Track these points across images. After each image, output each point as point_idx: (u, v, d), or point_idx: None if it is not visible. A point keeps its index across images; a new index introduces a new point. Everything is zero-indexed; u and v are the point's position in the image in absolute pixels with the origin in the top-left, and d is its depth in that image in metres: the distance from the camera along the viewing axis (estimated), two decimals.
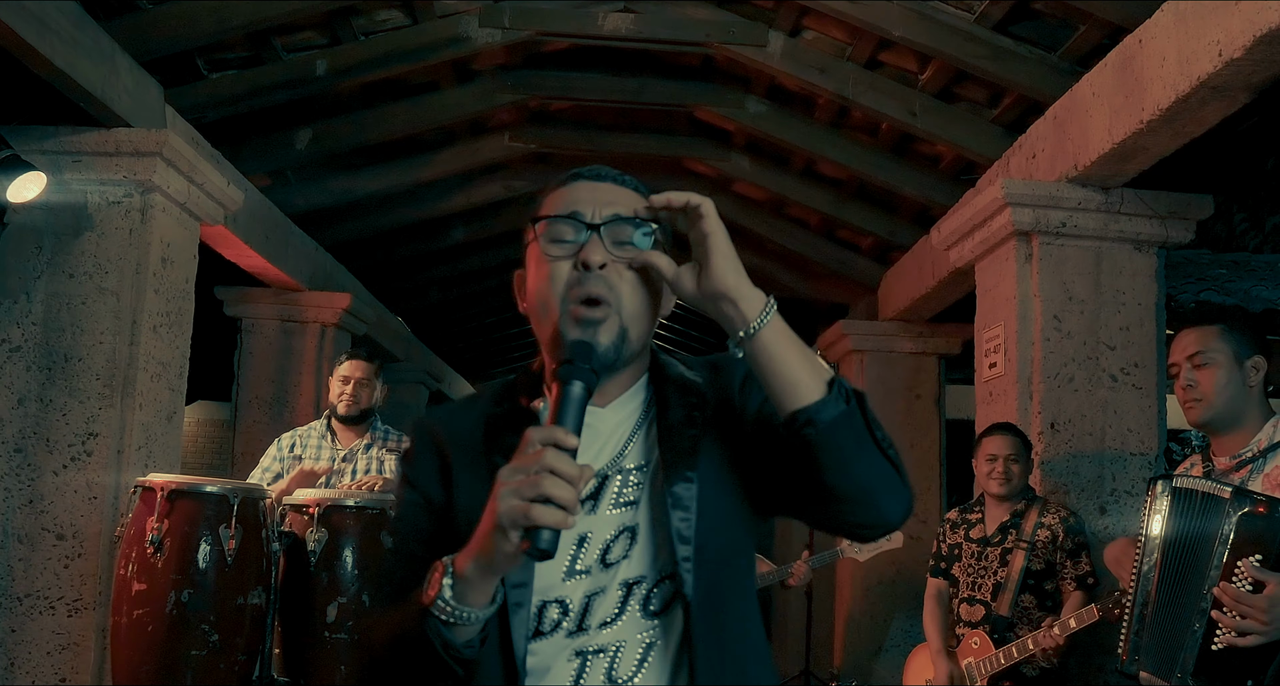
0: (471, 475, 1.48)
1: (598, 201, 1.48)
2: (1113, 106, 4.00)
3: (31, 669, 4.22)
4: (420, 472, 1.54)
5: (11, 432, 4.32)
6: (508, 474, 1.25)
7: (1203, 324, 2.91)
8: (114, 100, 4.25)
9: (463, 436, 1.53)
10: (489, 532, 1.25)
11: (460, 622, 1.30)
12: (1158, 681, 2.69)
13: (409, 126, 6.16)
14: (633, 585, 1.44)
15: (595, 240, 1.45)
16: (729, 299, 1.39)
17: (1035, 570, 4.03)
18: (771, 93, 5.99)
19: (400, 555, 1.54)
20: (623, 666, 1.42)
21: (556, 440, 1.25)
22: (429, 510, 1.52)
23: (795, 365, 1.37)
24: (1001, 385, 4.72)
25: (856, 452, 1.37)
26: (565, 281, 1.45)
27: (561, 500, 1.21)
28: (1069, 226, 4.51)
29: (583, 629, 1.43)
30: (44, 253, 4.43)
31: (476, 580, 1.29)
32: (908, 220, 6.67)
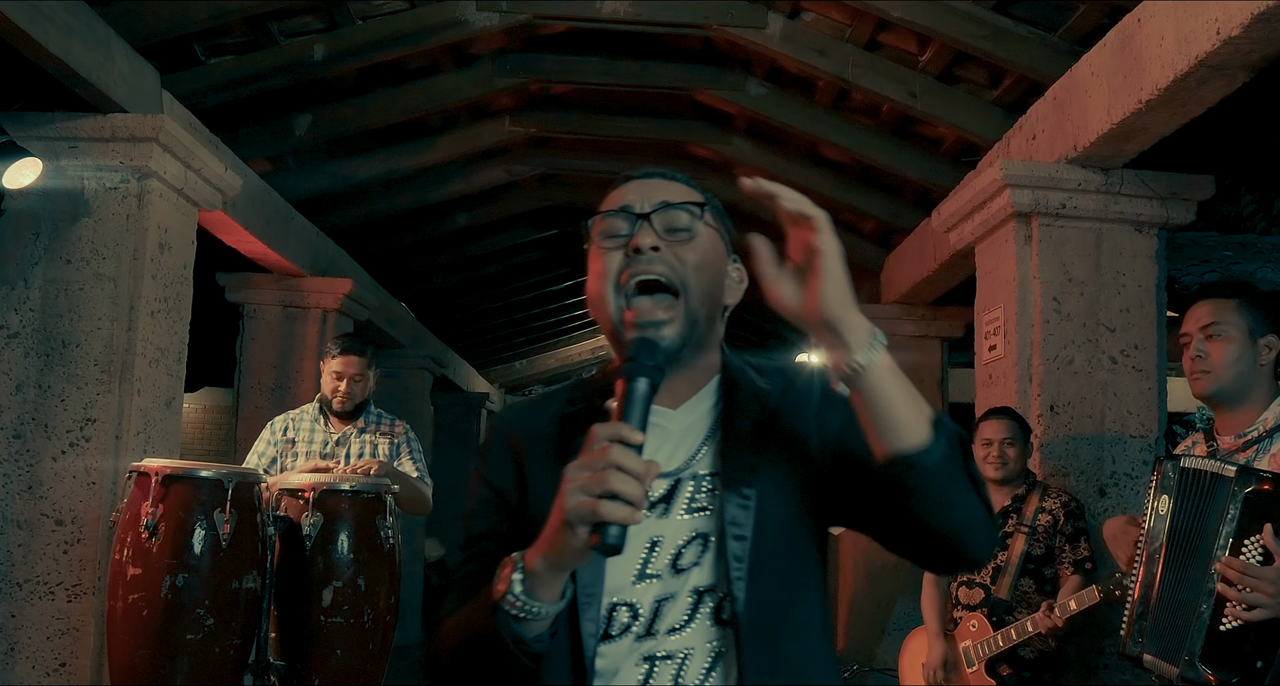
0: (545, 476, 1.46)
1: (646, 194, 1.51)
2: (1112, 86, 3.96)
3: (32, 654, 4.24)
4: (495, 470, 1.56)
5: (10, 419, 4.33)
6: (574, 470, 1.25)
7: (1221, 296, 2.85)
8: (109, 86, 4.24)
9: (537, 437, 1.54)
10: (557, 528, 1.26)
11: (530, 617, 1.30)
12: (1163, 664, 2.67)
13: (408, 111, 6.15)
14: (704, 593, 1.43)
15: (645, 227, 1.47)
16: (834, 327, 1.31)
17: (1035, 554, 4.01)
18: (771, 75, 5.96)
19: (471, 552, 1.54)
20: (690, 673, 1.42)
21: (622, 436, 1.25)
22: (503, 508, 1.53)
23: (901, 404, 1.32)
24: (1001, 368, 4.70)
25: (954, 495, 1.35)
26: (618, 268, 1.47)
27: (629, 496, 1.21)
28: (1069, 208, 4.48)
29: (651, 633, 1.43)
30: (41, 239, 4.43)
31: (546, 575, 1.29)
32: (910, 203, 6.65)
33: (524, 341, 14.15)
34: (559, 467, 1.39)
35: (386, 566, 3.86)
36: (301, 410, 4.73)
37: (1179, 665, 2.58)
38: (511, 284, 10.66)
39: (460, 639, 1.40)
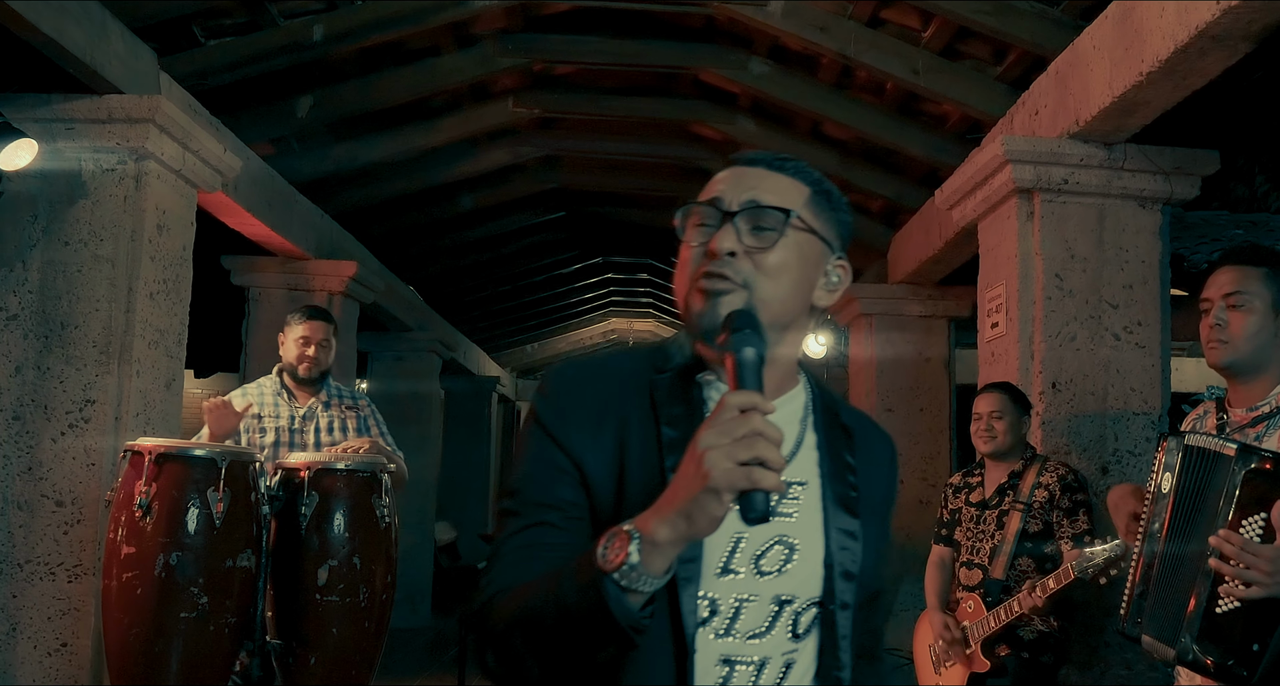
0: (642, 446, 1.42)
1: (741, 187, 1.44)
2: (1113, 59, 3.91)
3: (33, 634, 4.26)
4: (573, 432, 1.43)
5: (10, 400, 4.34)
6: (713, 437, 1.21)
7: (1247, 263, 2.73)
8: (104, 66, 4.23)
9: (627, 399, 1.46)
10: (695, 496, 1.21)
11: (638, 589, 1.25)
12: (1160, 646, 2.63)
13: (410, 92, 6.13)
14: (785, 602, 1.42)
15: (727, 228, 1.41)
16: None
17: (1033, 532, 3.94)
18: (774, 53, 5.92)
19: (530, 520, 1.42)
20: (767, 679, 1.42)
21: (756, 404, 1.23)
22: (576, 475, 1.42)
23: None
24: (1003, 345, 4.67)
25: None
26: (694, 267, 1.43)
27: (775, 463, 1.20)
28: (1071, 183, 4.44)
29: (730, 633, 1.41)
30: (39, 220, 4.44)
31: (668, 546, 1.24)
32: (916, 181, 6.60)
33: (534, 324, 14.15)
34: (653, 437, 1.40)
35: (382, 545, 3.86)
36: (258, 384, 4.56)
37: (1175, 647, 2.54)
38: (521, 266, 10.64)
39: (538, 615, 1.31)
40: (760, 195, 1.43)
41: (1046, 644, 3.90)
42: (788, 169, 1.47)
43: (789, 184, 1.46)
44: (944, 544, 4.34)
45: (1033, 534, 3.94)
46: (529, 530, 1.40)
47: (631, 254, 10.95)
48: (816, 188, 1.49)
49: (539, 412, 1.46)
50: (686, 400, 1.44)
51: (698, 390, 1.46)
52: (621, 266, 11.71)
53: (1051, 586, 3.63)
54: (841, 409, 1.56)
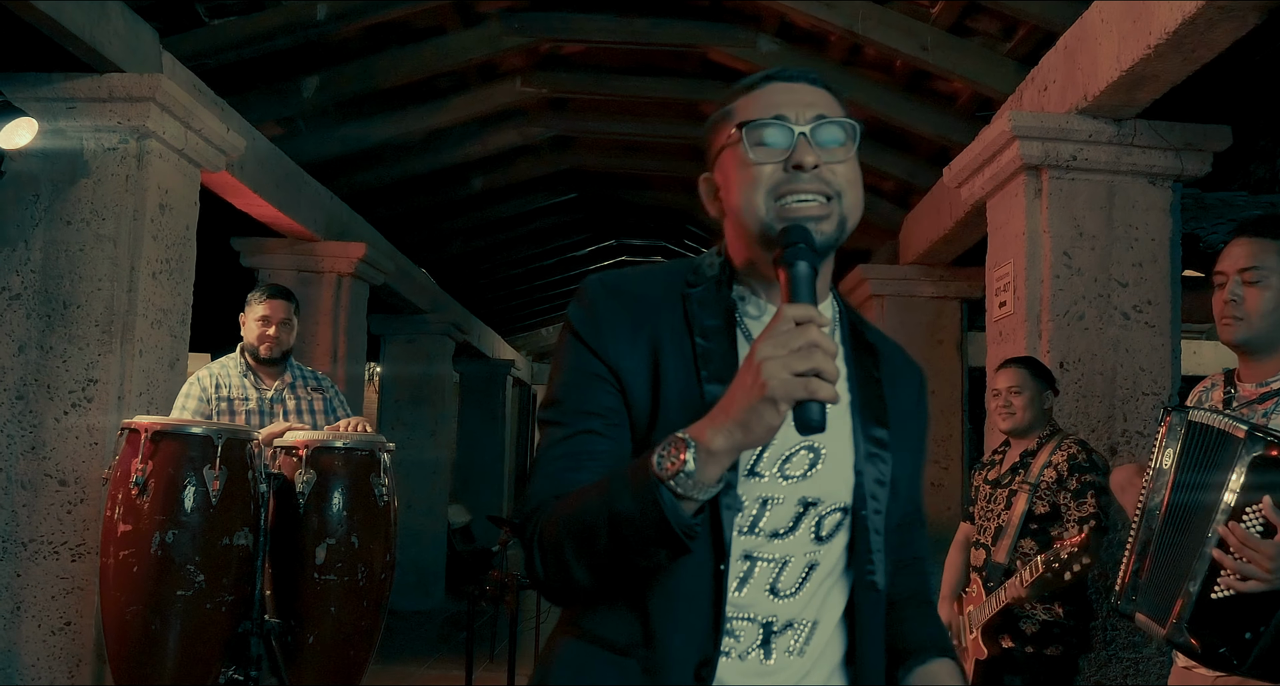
0: (677, 356, 1.43)
1: (800, 104, 1.44)
2: (1121, 32, 3.85)
3: (38, 612, 4.27)
4: (609, 340, 1.45)
5: (13, 379, 4.35)
6: (770, 348, 1.22)
7: (1264, 236, 2.64)
8: (104, 45, 4.22)
9: (660, 309, 1.47)
10: (752, 405, 1.23)
11: (692, 497, 1.27)
12: (1153, 625, 2.58)
13: (416, 71, 6.10)
14: (810, 504, 1.43)
15: (804, 142, 1.41)
16: None
17: (1039, 514, 3.76)
18: (782, 31, 5.86)
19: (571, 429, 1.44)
20: (786, 580, 1.43)
21: (815, 318, 1.24)
22: (614, 382, 1.44)
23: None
24: (1010, 324, 4.61)
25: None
26: (774, 182, 1.41)
27: (830, 375, 1.21)
28: (1079, 160, 4.37)
29: (754, 531, 1.42)
30: (41, 200, 4.43)
31: (723, 454, 1.26)
32: (927, 161, 6.53)
33: (548, 308, 14.12)
34: (688, 346, 1.42)
35: (381, 524, 3.84)
36: (222, 364, 4.43)
37: (1167, 628, 2.50)
38: (532, 249, 10.62)
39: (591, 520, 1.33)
40: (824, 109, 1.44)
41: (1050, 635, 3.71)
42: (819, 83, 1.49)
43: (830, 98, 1.48)
44: (968, 520, 4.20)
45: (1039, 515, 3.76)
46: (573, 438, 1.42)
47: (645, 236, 10.91)
48: (840, 100, 1.51)
49: (575, 323, 1.47)
50: (720, 313, 1.46)
51: (732, 304, 1.48)
52: (635, 249, 11.67)
53: (1027, 578, 3.53)
54: (868, 329, 1.58)
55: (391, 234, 8.31)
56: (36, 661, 4.26)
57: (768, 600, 1.42)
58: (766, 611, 1.42)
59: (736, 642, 1.41)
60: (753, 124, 1.42)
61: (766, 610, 1.42)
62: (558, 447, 1.43)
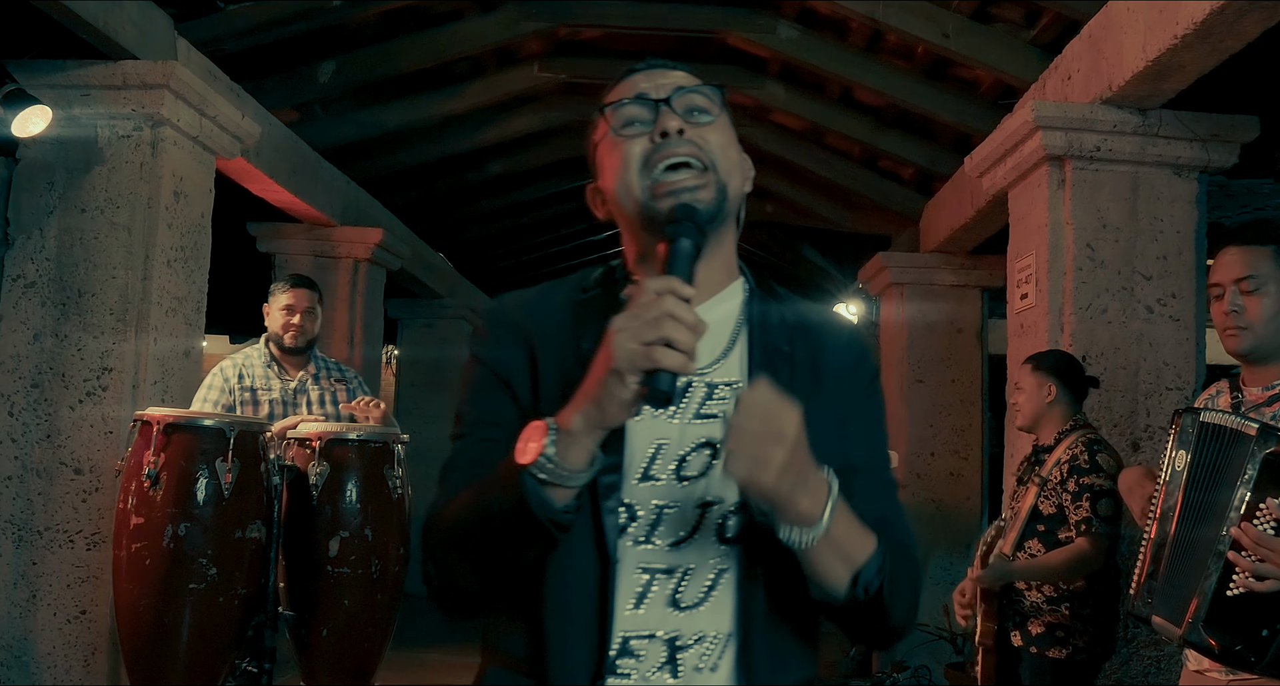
0: (558, 360, 1.41)
1: (657, 82, 1.45)
2: (1147, 21, 3.77)
3: (53, 601, 4.27)
4: (500, 355, 1.46)
5: (28, 367, 4.34)
6: (624, 320, 1.21)
7: (1254, 242, 2.62)
8: (117, 32, 4.19)
9: (548, 321, 1.46)
10: (602, 379, 1.22)
11: (559, 482, 1.24)
12: (1169, 626, 2.56)
13: (433, 57, 6.06)
14: (709, 505, 1.37)
15: (666, 111, 1.41)
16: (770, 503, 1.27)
17: (1045, 513, 3.68)
18: (803, 16, 5.79)
19: (472, 437, 1.44)
20: (689, 591, 1.36)
21: (673, 288, 1.22)
22: (509, 395, 1.43)
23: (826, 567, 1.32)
24: (1032, 317, 4.55)
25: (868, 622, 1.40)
26: (644, 153, 1.41)
27: (682, 344, 1.19)
28: (1104, 150, 4.30)
29: (651, 541, 1.36)
30: (56, 188, 4.41)
31: (583, 434, 1.24)
32: (948, 148, 6.46)
33: None
34: (573, 353, 1.38)
35: (395, 516, 3.82)
36: (246, 355, 4.49)
37: (1183, 628, 2.47)
38: (550, 234, 10.57)
39: (470, 517, 1.33)
40: (681, 82, 1.45)
41: (1052, 637, 3.63)
42: (682, 67, 1.49)
43: (690, 76, 1.48)
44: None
45: (1045, 515, 3.68)
46: (474, 448, 1.42)
47: None
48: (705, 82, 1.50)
49: (473, 344, 1.51)
50: (607, 315, 1.37)
51: (620, 306, 1.40)
52: None
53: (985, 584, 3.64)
54: (788, 303, 1.50)
55: (409, 219, 8.28)
56: (52, 650, 4.26)
57: (670, 615, 1.35)
58: (669, 627, 1.35)
59: (639, 663, 1.34)
60: (615, 104, 1.44)
61: (670, 626, 1.35)
62: (459, 459, 1.43)
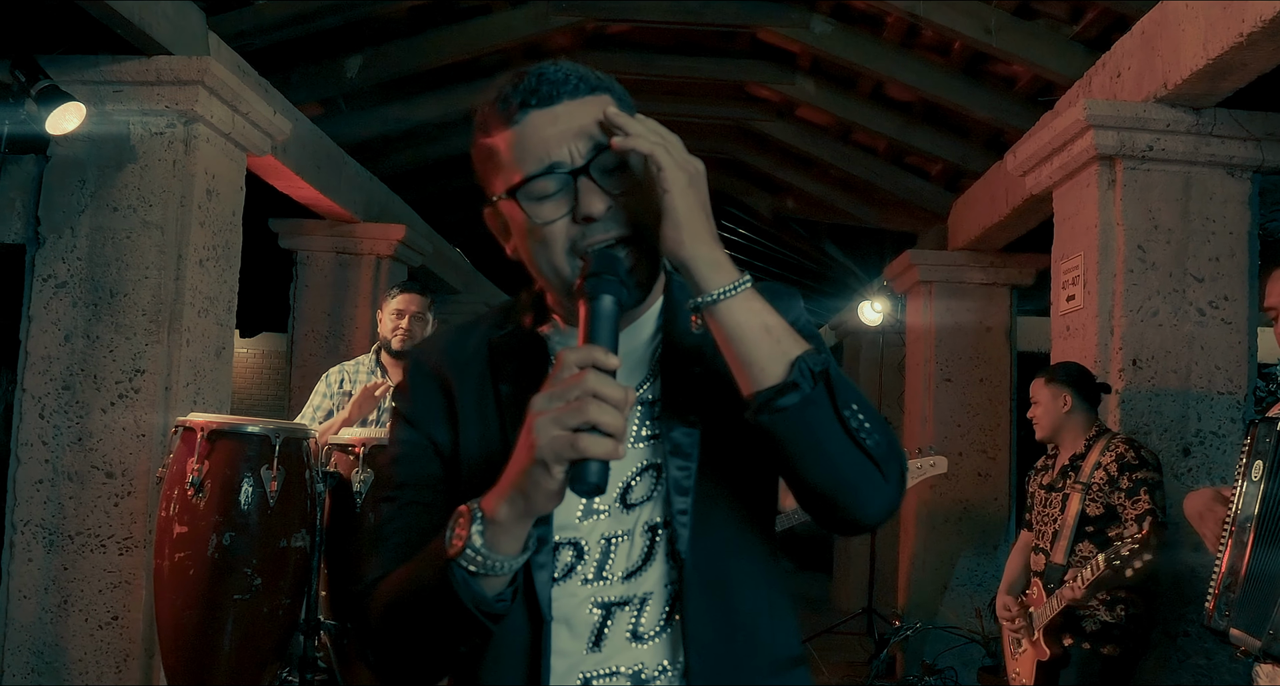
0: (477, 407, 1.35)
1: (569, 136, 1.26)
2: (1209, 19, 3.69)
3: (84, 606, 4.20)
4: (420, 409, 1.40)
5: (59, 369, 4.26)
6: (544, 401, 1.11)
7: None
8: (151, 26, 4.10)
9: (465, 365, 1.39)
10: (526, 469, 1.12)
11: (491, 573, 1.17)
12: (1248, 638, 2.50)
13: (461, 51, 5.97)
14: (658, 528, 1.30)
15: (587, 185, 1.26)
16: (683, 267, 1.23)
17: (1092, 515, 3.75)
18: (837, 11, 5.70)
19: (398, 503, 1.37)
20: (648, 620, 1.30)
21: (596, 361, 1.11)
22: (434, 451, 1.37)
23: (751, 344, 1.22)
24: (1080, 319, 4.47)
25: (822, 443, 1.22)
26: (569, 239, 1.27)
27: (609, 427, 1.09)
28: (1156, 150, 4.22)
29: (603, 577, 1.30)
30: (88, 186, 4.34)
31: (511, 524, 1.15)
32: (980, 145, 6.38)
33: None
34: (491, 396, 1.31)
35: None
36: (357, 362, 4.64)
37: (1263, 639, 2.42)
38: None
39: (403, 603, 1.25)
40: (594, 134, 1.27)
41: (1109, 635, 3.70)
42: (583, 88, 1.30)
43: (599, 102, 1.30)
44: (1028, 528, 4.20)
45: (1093, 517, 3.76)
46: (403, 514, 1.35)
47: None
48: (613, 93, 1.34)
49: (395, 397, 1.45)
50: (525, 354, 1.35)
51: (539, 343, 1.37)
52: None
53: (1088, 577, 3.50)
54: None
55: (427, 213, 8.20)
56: (84, 656, 4.19)
57: (631, 648, 1.29)
58: (632, 661, 1.29)
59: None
60: (525, 187, 1.27)
61: (632, 659, 1.29)
62: (390, 526, 1.35)
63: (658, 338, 1.39)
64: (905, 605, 7.20)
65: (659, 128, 1.25)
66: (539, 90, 1.28)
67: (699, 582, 1.29)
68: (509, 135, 1.29)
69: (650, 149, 1.22)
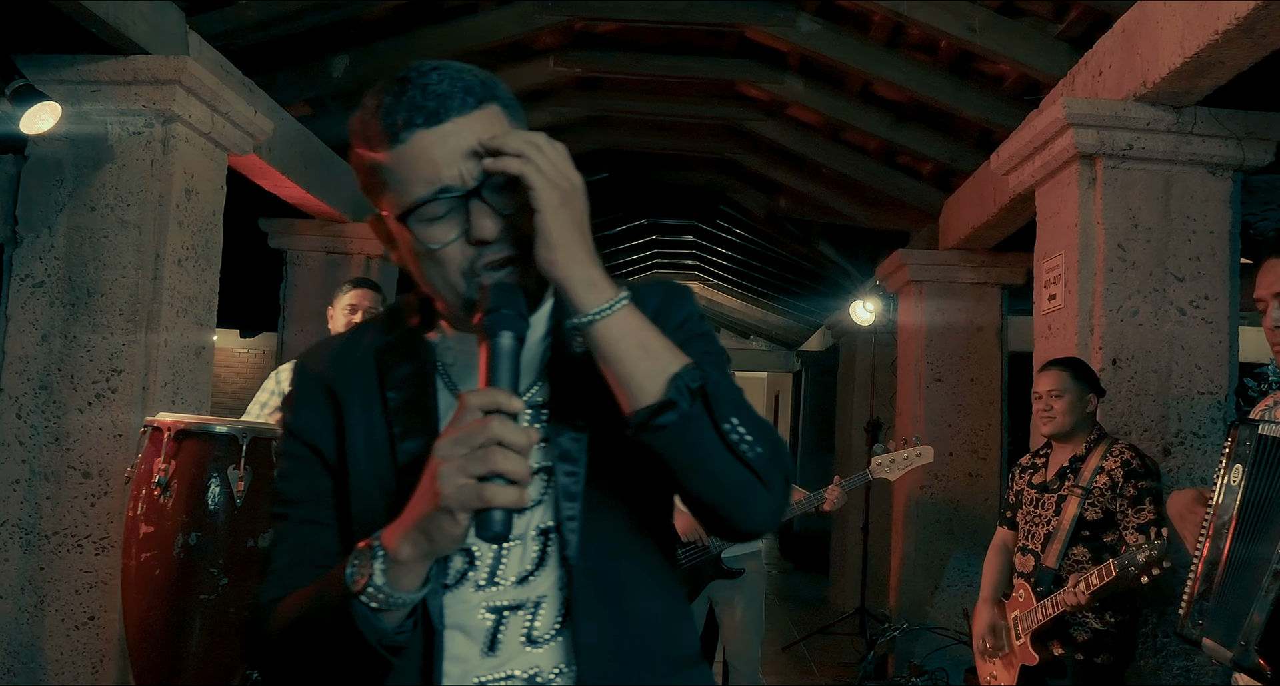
0: (364, 415, 1.33)
1: (457, 155, 1.23)
2: (1185, 16, 3.66)
3: (60, 607, 4.20)
4: (306, 420, 1.37)
5: (36, 369, 4.26)
6: (448, 447, 1.10)
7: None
8: (127, 26, 4.10)
9: (351, 372, 1.37)
10: (429, 515, 1.11)
11: (393, 608, 1.16)
12: (1220, 648, 2.46)
13: (448, 50, 5.94)
14: (549, 533, 1.30)
15: (479, 208, 1.24)
16: (559, 288, 1.22)
17: (1090, 520, 3.67)
18: (824, 9, 5.68)
19: (293, 522, 1.36)
20: (542, 624, 1.30)
21: (499, 405, 1.10)
22: (321, 465, 1.35)
23: (629, 362, 1.21)
24: (1060, 318, 4.45)
25: (702, 459, 1.22)
26: (465, 261, 1.25)
27: (515, 475, 1.08)
28: (1136, 148, 4.20)
29: (495, 582, 1.29)
30: (65, 185, 4.33)
31: (414, 563, 1.15)
32: (970, 145, 6.35)
33: None
34: (379, 403, 1.30)
35: None
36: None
37: (1233, 650, 2.37)
38: None
39: (301, 631, 1.24)
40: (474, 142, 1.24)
41: (1102, 643, 3.64)
42: (470, 101, 1.25)
43: (487, 116, 1.27)
44: (1007, 527, 4.12)
45: (1090, 522, 3.68)
46: (297, 532, 1.34)
47: (676, 216, 10.74)
48: (500, 101, 1.30)
49: (282, 410, 1.42)
50: (412, 361, 1.33)
51: (427, 350, 1.35)
52: (667, 228, 11.51)
53: (1095, 583, 3.41)
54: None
55: None
56: (60, 656, 4.19)
57: (526, 653, 1.29)
58: (527, 665, 1.29)
59: None
60: (415, 213, 1.24)
61: (527, 663, 1.29)
62: (283, 545, 1.35)
63: (547, 340, 1.38)
64: (896, 605, 7.18)
65: (538, 141, 1.22)
66: (425, 107, 1.24)
67: (590, 587, 1.29)
68: (394, 154, 1.25)
69: (520, 169, 1.19)
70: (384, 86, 1.27)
